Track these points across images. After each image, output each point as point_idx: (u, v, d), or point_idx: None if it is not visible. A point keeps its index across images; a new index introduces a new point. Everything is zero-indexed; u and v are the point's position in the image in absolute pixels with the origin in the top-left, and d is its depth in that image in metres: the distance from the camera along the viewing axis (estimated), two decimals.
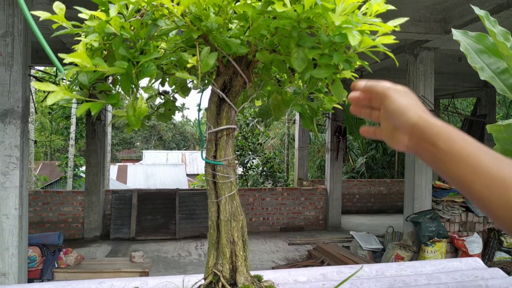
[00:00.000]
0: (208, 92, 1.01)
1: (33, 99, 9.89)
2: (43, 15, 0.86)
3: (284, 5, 0.69)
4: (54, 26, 0.93)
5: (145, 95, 1.02)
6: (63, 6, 0.88)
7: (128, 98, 0.79)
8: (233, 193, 0.88)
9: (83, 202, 10.11)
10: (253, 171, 15.38)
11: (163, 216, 10.35)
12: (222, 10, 0.79)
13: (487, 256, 7.78)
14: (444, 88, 12.29)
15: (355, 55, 0.74)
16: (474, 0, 6.20)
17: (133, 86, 0.78)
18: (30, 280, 5.67)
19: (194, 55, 0.85)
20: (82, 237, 10.01)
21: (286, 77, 1.04)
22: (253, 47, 0.87)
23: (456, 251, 7.77)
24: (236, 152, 14.90)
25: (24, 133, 4.50)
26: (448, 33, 6.86)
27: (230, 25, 0.84)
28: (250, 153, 15.12)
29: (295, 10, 0.71)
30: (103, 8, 0.84)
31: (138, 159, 39.79)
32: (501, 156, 0.67)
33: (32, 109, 12.02)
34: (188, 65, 0.77)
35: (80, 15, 0.91)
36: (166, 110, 1.01)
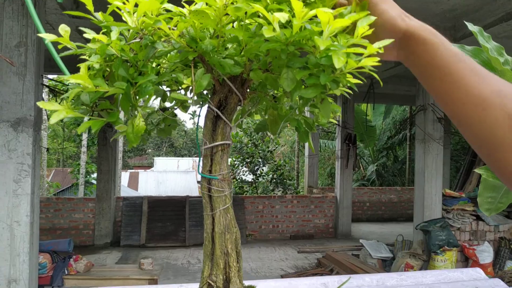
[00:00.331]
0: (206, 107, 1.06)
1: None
2: (48, 37, 0.91)
3: (274, 30, 0.73)
4: (60, 46, 0.97)
5: (145, 113, 1.07)
6: (68, 29, 0.93)
7: (127, 116, 0.84)
8: (227, 206, 0.92)
9: (94, 209, 10.21)
10: (263, 178, 15.40)
11: (173, 223, 10.41)
12: (217, 32, 0.83)
13: (498, 266, 7.70)
14: None
15: (342, 76, 0.78)
16: (484, 9, 6.21)
17: (132, 104, 0.83)
18: (40, 287, 5.74)
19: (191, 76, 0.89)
20: (92, 243, 10.10)
21: (282, 93, 1.08)
22: (248, 66, 0.91)
23: (467, 260, 7.70)
24: (246, 159, 14.93)
25: (36, 141, 4.59)
26: (457, 41, 6.87)
27: (227, 45, 0.88)
28: (260, 160, 15.14)
29: (284, 34, 0.75)
30: (105, 30, 0.89)
31: (149, 166, 40.05)
32: (485, 71, 0.61)
33: (44, 117, 12.20)
34: (183, 86, 0.81)
35: (85, 35, 0.96)
36: (166, 125, 1.05)
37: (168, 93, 1.07)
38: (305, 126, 1.14)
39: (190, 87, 0.92)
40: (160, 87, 1.05)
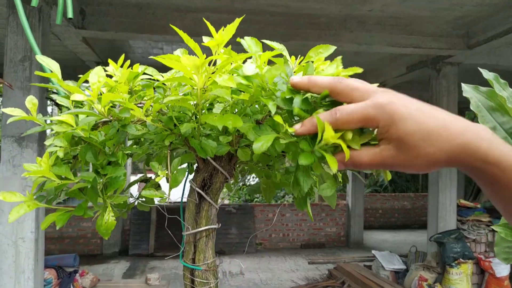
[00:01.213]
0: None
1: (51, 121, 10.05)
2: (13, 112, 0.82)
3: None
4: (28, 120, 0.88)
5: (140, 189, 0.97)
6: (35, 101, 0.84)
7: (95, 207, 0.74)
8: None
9: None
10: None
11: (182, 232, 10.31)
12: (196, 113, 0.73)
13: None
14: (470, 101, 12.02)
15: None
16: (499, 15, 6.03)
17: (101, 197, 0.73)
18: None
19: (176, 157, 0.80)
20: (101, 252, 10.05)
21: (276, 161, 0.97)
22: (235, 142, 0.81)
23: (483, 273, 7.49)
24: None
25: (41, 156, 4.55)
26: (471, 48, 6.70)
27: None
28: None
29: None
30: (75, 106, 0.80)
31: None
32: None
33: (49, 130, 12.24)
34: (157, 179, 0.72)
35: (57, 100, 0.87)
36: (148, 199, 0.96)
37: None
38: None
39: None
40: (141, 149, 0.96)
